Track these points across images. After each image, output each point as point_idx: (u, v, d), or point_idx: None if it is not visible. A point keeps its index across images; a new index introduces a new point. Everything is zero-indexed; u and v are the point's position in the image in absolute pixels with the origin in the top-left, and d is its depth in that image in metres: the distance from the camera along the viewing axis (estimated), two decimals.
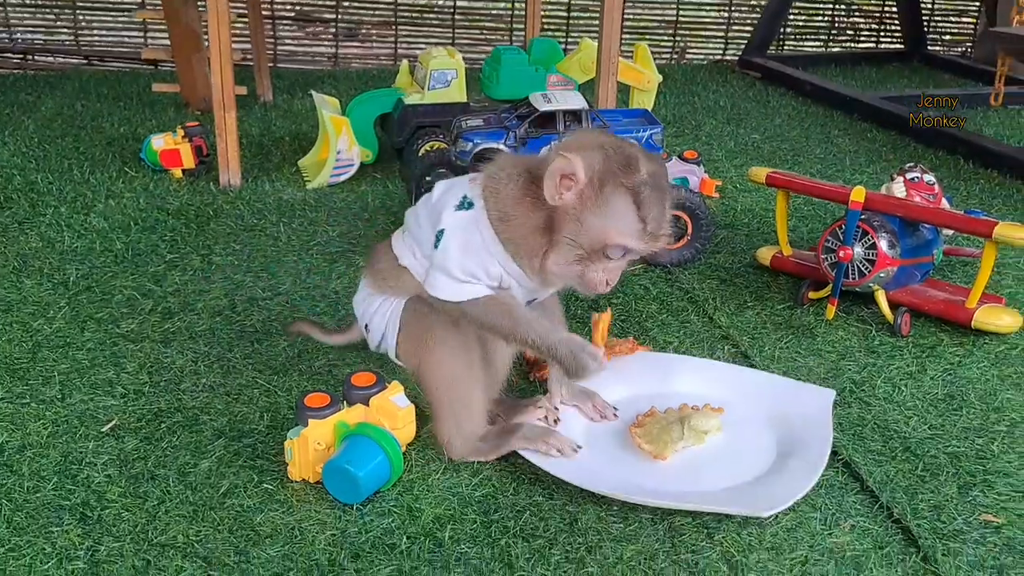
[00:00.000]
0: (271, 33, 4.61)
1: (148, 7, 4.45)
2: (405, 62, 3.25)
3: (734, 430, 1.66)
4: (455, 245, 1.50)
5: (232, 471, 1.53)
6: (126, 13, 4.50)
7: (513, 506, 1.47)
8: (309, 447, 1.49)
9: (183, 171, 2.89)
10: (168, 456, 1.56)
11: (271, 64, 4.44)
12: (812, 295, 2.15)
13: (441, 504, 1.47)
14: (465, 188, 1.54)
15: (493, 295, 1.52)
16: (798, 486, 1.49)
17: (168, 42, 3.66)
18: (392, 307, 1.62)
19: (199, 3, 3.52)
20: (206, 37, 2.69)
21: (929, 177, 2.26)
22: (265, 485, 1.49)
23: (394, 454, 1.47)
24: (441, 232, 1.51)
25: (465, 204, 1.52)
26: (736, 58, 4.93)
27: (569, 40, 4.91)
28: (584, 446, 1.60)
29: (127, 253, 2.33)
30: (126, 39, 4.53)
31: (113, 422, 1.65)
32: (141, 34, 4.52)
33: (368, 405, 1.56)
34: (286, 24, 4.73)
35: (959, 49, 5.53)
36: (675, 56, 5.13)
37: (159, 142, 2.89)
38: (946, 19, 5.50)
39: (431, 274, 1.53)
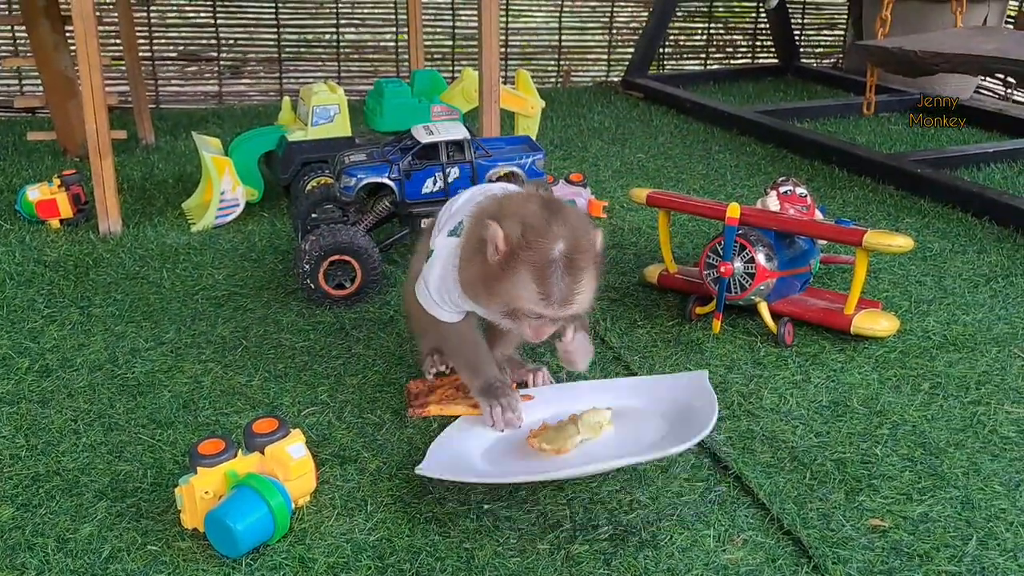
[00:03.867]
0: (151, 75, 4.53)
1: (21, 55, 4.31)
2: (287, 98, 3.22)
3: (625, 421, 1.68)
4: (436, 273, 1.69)
5: (115, 534, 1.47)
6: None
7: (409, 548, 1.45)
8: (196, 496, 1.44)
9: (61, 221, 2.80)
10: (47, 523, 1.50)
11: (153, 105, 4.35)
12: (699, 310, 2.19)
13: (335, 552, 1.44)
14: (466, 213, 1.67)
15: (454, 324, 1.74)
16: (696, 429, 1.52)
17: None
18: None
19: (71, 48, 3.43)
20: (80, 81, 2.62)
21: (801, 190, 2.32)
22: (150, 546, 1.44)
23: (278, 508, 1.42)
24: (431, 253, 1.73)
25: (457, 232, 1.68)
26: (619, 79, 5.01)
27: (455, 70, 4.93)
28: (485, 461, 1.63)
29: (2, 310, 2.24)
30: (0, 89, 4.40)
31: None
32: (16, 83, 4.38)
33: (264, 454, 1.52)
34: (168, 64, 4.65)
35: (830, 61, 5.71)
36: (560, 80, 5.19)
37: (34, 193, 2.80)
38: (818, 32, 5.67)
39: (420, 280, 1.73)
